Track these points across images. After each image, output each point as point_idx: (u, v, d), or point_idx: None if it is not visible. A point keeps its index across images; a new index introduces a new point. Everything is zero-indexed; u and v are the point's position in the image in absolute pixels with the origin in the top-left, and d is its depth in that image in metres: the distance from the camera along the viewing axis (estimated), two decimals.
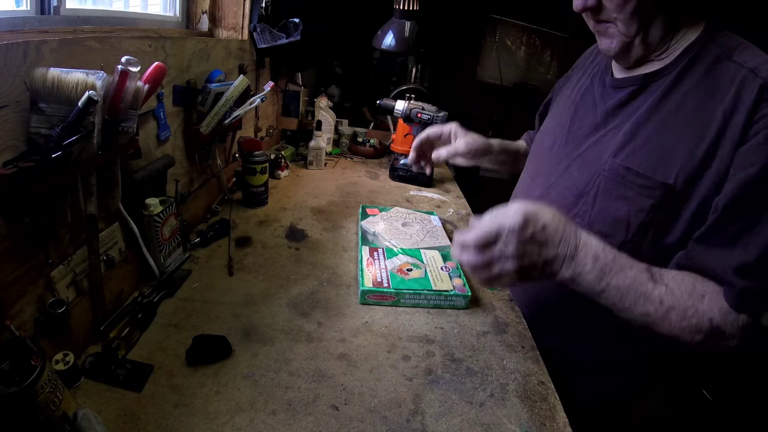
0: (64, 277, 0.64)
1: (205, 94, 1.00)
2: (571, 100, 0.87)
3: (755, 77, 0.63)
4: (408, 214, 1.23)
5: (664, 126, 0.69)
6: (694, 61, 0.69)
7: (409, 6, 1.61)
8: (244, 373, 0.68)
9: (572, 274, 0.61)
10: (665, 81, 0.70)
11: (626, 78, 0.76)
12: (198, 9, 1.22)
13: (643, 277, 0.62)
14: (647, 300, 0.62)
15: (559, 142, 0.85)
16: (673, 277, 0.64)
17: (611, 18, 0.68)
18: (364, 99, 2.09)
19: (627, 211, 0.70)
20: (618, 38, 0.70)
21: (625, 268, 0.62)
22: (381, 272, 0.93)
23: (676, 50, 0.71)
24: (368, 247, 1.03)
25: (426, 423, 0.64)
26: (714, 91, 0.66)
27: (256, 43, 1.35)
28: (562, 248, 0.61)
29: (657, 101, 0.70)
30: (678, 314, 0.62)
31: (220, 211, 1.19)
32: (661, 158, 0.68)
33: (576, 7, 0.70)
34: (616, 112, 0.76)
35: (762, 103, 0.61)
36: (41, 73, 0.54)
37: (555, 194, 0.81)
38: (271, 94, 1.54)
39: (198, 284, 0.87)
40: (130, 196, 0.77)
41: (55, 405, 0.48)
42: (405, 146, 1.63)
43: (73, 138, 0.54)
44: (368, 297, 0.88)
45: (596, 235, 0.64)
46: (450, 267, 0.98)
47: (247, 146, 1.21)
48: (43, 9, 0.72)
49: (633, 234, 0.70)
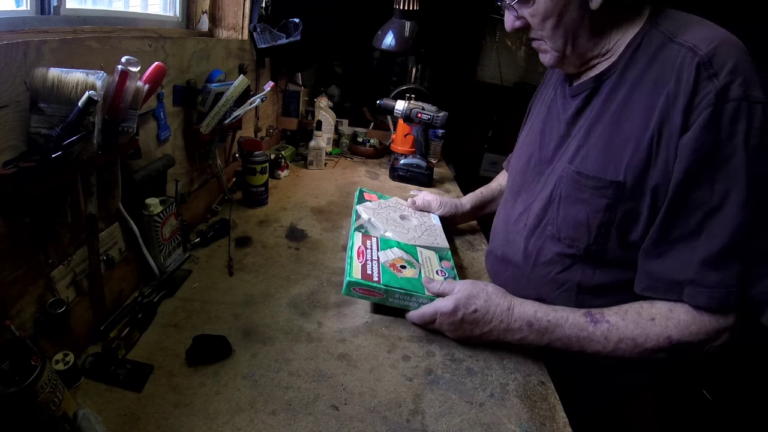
0: (64, 277, 0.64)
1: (205, 94, 1.00)
2: (541, 116, 0.89)
3: (694, 55, 0.60)
4: (407, 207, 1.18)
5: (613, 123, 0.69)
6: (637, 52, 0.68)
7: (409, 6, 1.61)
8: (244, 373, 0.68)
9: (513, 339, 0.74)
10: (611, 80, 0.71)
11: (579, 84, 0.77)
12: (198, 9, 1.22)
13: (582, 322, 0.70)
14: (592, 341, 0.69)
15: (534, 158, 0.86)
16: (616, 311, 0.69)
17: (539, 35, 0.72)
18: (364, 99, 2.09)
19: (585, 214, 0.71)
20: (551, 53, 0.74)
21: (561, 323, 0.71)
22: (372, 264, 0.85)
23: (621, 46, 0.70)
24: (361, 234, 0.95)
25: (426, 423, 0.64)
26: (659, 77, 0.64)
27: (256, 43, 1.35)
28: (494, 324, 0.74)
29: (605, 100, 0.71)
30: (628, 344, 0.67)
31: (220, 211, 1.19)
32: (611, 156, 0.68)
33: (507, 29, 0.75)
34: (576, 120, 0.77)
35: (701, 83, 0.59)
36: (41, 73, 0.54)
37: (535, 208, 0.83)
38: (271, 94, 1.54)
39: (198, 284, 0.87)
40: (130, 196, 0.77)
41: (55, 405, 0.48)
42: (405, 146, 1.63)
43: (73, 138, 0.54)
44: (354, 289, 0.80)
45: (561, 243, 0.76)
46: (445, 267, 0.92)
47: (247, 146, 1.21)
48: (43, 9, 0.72)
49: (595, 235, 0.71)
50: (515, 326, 0.73)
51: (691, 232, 0.62)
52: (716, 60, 0.58)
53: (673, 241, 0.63)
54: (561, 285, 0.78)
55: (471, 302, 0.74)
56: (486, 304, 0.74)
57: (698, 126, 0.58)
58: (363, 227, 1.03)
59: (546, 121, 0.86)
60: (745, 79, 0.57)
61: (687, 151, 0.59)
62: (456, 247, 1.16)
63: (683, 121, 0.60)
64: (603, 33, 0.70)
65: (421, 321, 0.80)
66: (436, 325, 0.78)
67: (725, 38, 0.61)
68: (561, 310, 0.72)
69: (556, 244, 0.78)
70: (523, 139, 0.96)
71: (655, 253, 0.66)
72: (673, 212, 0.62)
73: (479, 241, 1.21)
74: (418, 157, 1.57)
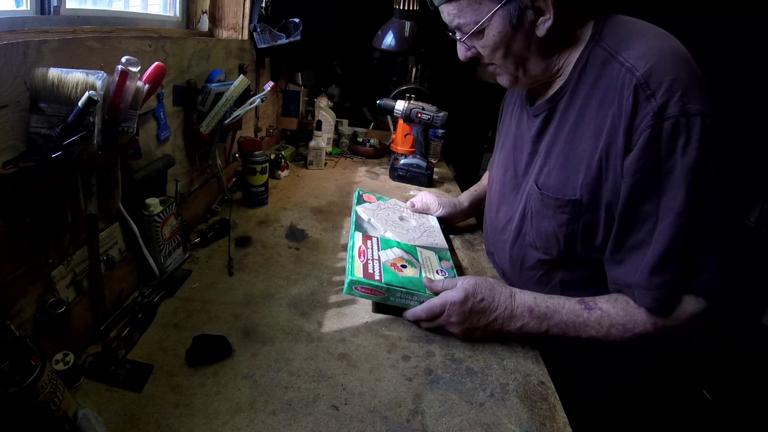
0: (64, 277, 0.64)
1: (205, 94, 1.00)
2: (512, 131, 0.93)
3: (632, 77, 0.63)
4: (406, 209, 1.18)
5: (569, 143, 0.74)
6: (584, 71, 0.71)
7: (409, 6, 1.61)
8: (244, 373, 0.68)
9: (515, 327, 0.76)
10: (564, 100, 0.75)
11: (538, 105, 0.81)
12: (198, 9, 1.22)
13: (578, 308, 0.73)
14: (587, 326, 0.72)
15: (510, 172, 0.92)
16: (607, 299, 0.74)
17: (492, 62, 0.77)
18: (364, 99, 2.09)
19: (553, 227, 0.78)
20: (505, 76, 0.79)
21: (559, 309, 0.74)
22: (373, 264, 0.85)
23: (569, 65, 0.73)
24: (362, 234, 0.95)
25: (426, 423, 0.64)
26: (604, 98, 0.67)
27: (256, 43, 1.35)
28: (499, 312, 0.76)
29: (560, 121, 0.76)
30: (618, 330, 0.71)
31: (220, 211, 1.19)
32: (569, 174, 0.73)
33: (461, 58, 0.79)
34: (539, 139, 0.82)
35: (640, 104, 0.62)
36: (41, 73, 0.54)
37: (515, 220, 0.89)
38: (271, 94, 1.54)
39: (198, 284, 0.87)
40: (130, 196, 0.77)
41: (55, 405, 0.48)
42: (405, 146, 1.63)
43: (73, 138, 0.54)
44: (356, 288, 0.80)
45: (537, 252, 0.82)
46: (445, 267, 0.92)
47: (247, 146, 1.21)
48: (43, 9, 0.72)
49: (564, 244, 0.78)
50: (518, 312, 0.75)
51: (640, 241, 0.67)
52: (653, 79, 0.61)
53: (627, 250, 0.69)
54: (546, 284, 0.85)
55: (478, 291, 0.76)
56: (491, 293, 0.76)
57: (639, 147, 0.62)
58: (363, 228, 1.03)
59: (517, 136, 0.91)
60: (683, 93, 0.60)
61: (630, 170, 0.64)
62: (455, 247, 1.16)
63: (625, 142, 0.64)
64: (552, 55, 0.74)
65: (428, 314, 0.78)
66: (443, 318, 0.77)
67: (663, 52, 0.63)
68: (557, 297, 0.76)
69: (535, 251, 0.84)
70: (500, 150, 1.01)
71: (614, 260, 0.72)
72: (624, 225, 0.68)
73: (479, 240, 1.21)
74: (418, 157, 1.57)
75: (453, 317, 0.76)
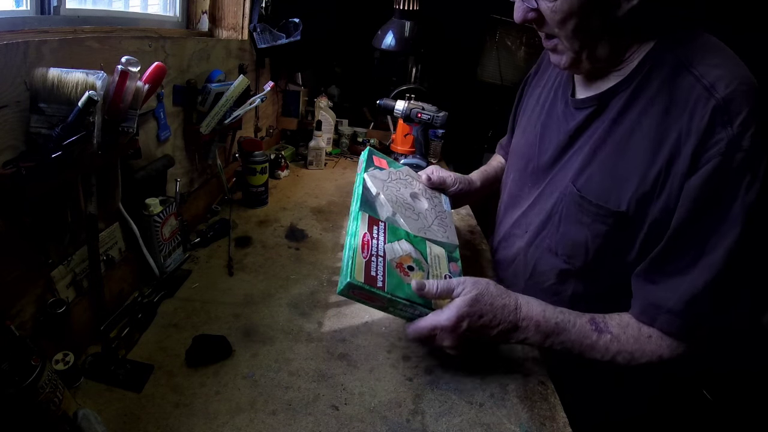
0: (64, 277, 0.64)
1: (205, 94, 1.00)
2: (539, 117, 0.86)
3: (709, 97, 0.59)
4: (418, 183, 0.97)
5: (619, 149, 0.68)
6: (650, 74, 0.66)
7: (409, 6, 1.61)
8: (244, 373, 0.68)
9: (516, 339, 0.70)
10: (621, 99, 0.69)
11: (585, 99, 0.75)
12: (198, 9, 1.22)
13: (588, 329, 0.69)
14: (593, 350, 0.68)
15: (533, 163, 0.85)
16: (618, 322, 0.69)
17: (554, 32, 0.67)
18: (364, 99, 2.09)
19: (585, 237, 0.71)
20: (566, 54, 0.69)
21: (568, 327, 0.69)
22: (377, 262, 0.68)
23: (634, 61, 0.68)
24: (368, 216, 0.76)
25: (426, 423, 0.64)
26: (670, 108, 0.63)
27: (256, 43, 1.35)
28: (502, 327, 0.68)
29: (612, 122, 0.69)
30: (624, 358, 0.68)
31: (220, 211, 1.19)
32: (615, 184, 0.68)
33: (516, 19, 0.68)
34: (579, 134, 0.75)
35: (715, 129, 0.58)
36: (41, 73, 0.54)
37: (532, 215, 0.83)
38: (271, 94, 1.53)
39: (198, 284, 0.87)
40: (130, 196, 0.77)
41: (55, 405, 0.48)
42: (405, 146, 1.63)
43: (73, 138, 0.54)
44: (352, 292, 0.65)
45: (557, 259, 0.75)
46: (454, 272, 0.77)
47: (247, 146, 1.21)
48: (43, 9, 0.72)
49: (593, 257, 0.72)
50: (523, 325, 0.69)
51: (683, 267, 0.64)
52: (733, 106, 0.58)
53: (666, 272, 0.66)
54: (556, 294, 0.80)
55: (475, 309, 0.67)
56: (492, 308, 0.68)
57: (706, 172, 0.59)
58: (370, 204, 0.81)
59: (546, 125, 0.83)
60: (757, 129, 0.57)
61: (691, 195, 0.60)
62: None
63: (691, 164, 0.60)
64: (621, 44, 0.67)
65: (416, 338, 0.70)
66: (437, 341, 0.69)
67: (742, 79, 0.60)
68: (567, 313, 0.70)
69: (553, 257, 0.78)
70: (520, 136, 0.93)
71: (647, 278, 0.68)
72: (670, 249, 0.64)
73: (479, 240, 1.21)
74: (418, 157, 1.57)
75: (446, 341, 0.68)
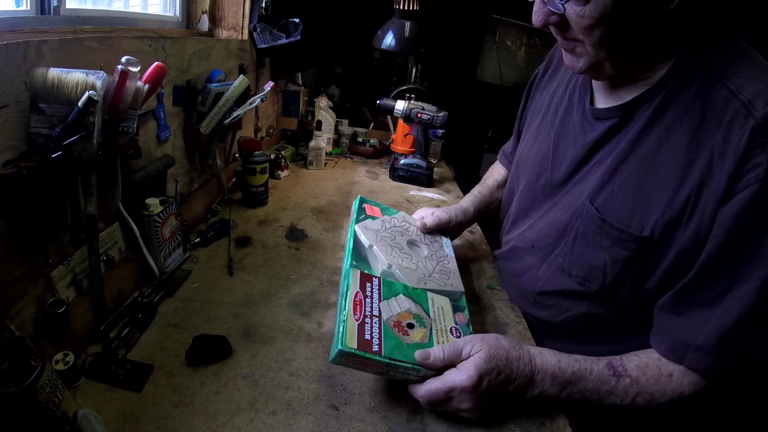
0: (64, 277, 0.64)
1: (205, 94, 1.00)
2: (553, 125, 0.81)
3: (747, 115, 0.54)
4: (415, 228, 0.93)
5: (644, 166, 0.63)
6: (679, 85, 0.60)
7: (409, 6, 1.61)
8: (244, 373, 0.68)
9: (532, 394, 0.64)
10: (647, 111, 0.63)
11: (607, 109, 0.69)
12: (198, 9, 1.22)
13: (606, 375, 0.64)
14: (611, 395, 0.64)
15: (546, 176, 0.80)
16: (637, 365, 0.65)
17: (578, 38, 0.61)
18: (364, 99, 2.09)
19: (603, 261, 0.68)
20: (586, 58, 0.63)
21: (585, 375, 0.64)
22: (371, 324, 0.62)
23: (661, 69, 0.62)
24: (359, 273, 0.71)
25: (426, 423, 0.64)
26: (701, 124, 0.58)
27: (256, 43, 1.35)
28: (518, 382, 0.63)
29: (637, 135, 0.64)
30: (644, 399, 0.63)
31: (220, 211, 1.19)
32: (638, 206, 0.63)
33: (536, 23, 0.62)
34: (598, 147, 0.70)
35: (754, 151, 0.53)
36: (41, 73, 0.54)
37: (543, 227, 0.79)
38: (271, 94, 1.54)
39: (198, 284, 0.87)
40: (130, 196, 0.77)
41: (55, 405, 0.48)
42: (405, 146, 1.63)
43: (73, 138, 0.54)
44: (346, 360, 0.59)
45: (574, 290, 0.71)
46: (461, 323, 0.70)
47: (247, 146, 1.21)
48: (43, 9, 0.72)
49: (610, 282, 0.68)
50: (538, 378, 0.63)
51: (712, 299, 0.60)
52: None
53: (693, 303, 0.61)
54: (566, 311, 0.76)
55: (493, 366, 0.61)
56: (508, 362, 0.62)
57: (742, 200, 0.54)
58: (362, 257, 0.78)
59: (560, 135, 0.78)
60: None
61: (727, 223, 0.56)
62: (454, 245, 1.16)
63: (726, 189, 0.55)
64: (652, 48, 0.62)
65: (430, 401, 0.62)
66: (452, 405, 0.61)
67: None
68: (583, 360, 0.65)
69: (566, 277, 0.74)
70: (531, 145, 0.88)
71: (672, 310, 0.64)
72: (700, 280, 0.60)
73: (479, 241, 1.21)
74: (418, 157, 1.57)
75: (464, 404, 0.61)
